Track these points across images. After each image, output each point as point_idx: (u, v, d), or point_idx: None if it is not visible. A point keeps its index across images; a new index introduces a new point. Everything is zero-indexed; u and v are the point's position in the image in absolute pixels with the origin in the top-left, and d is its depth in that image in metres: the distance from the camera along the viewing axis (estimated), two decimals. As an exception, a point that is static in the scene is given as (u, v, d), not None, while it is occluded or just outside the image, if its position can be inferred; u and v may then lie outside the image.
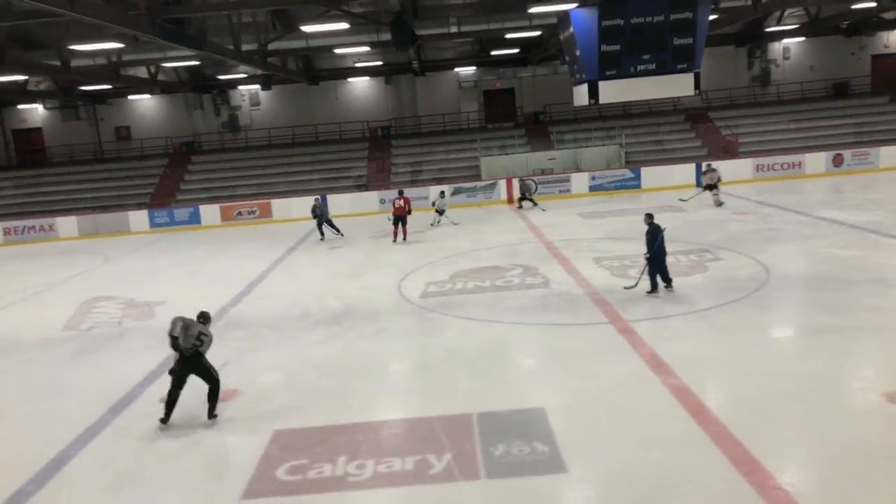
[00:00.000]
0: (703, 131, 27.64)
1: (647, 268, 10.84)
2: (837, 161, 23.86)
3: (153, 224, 24.75)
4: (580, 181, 24.70)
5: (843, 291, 10.37)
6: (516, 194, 23.29)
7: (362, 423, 7.02)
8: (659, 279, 10.83)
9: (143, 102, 30.68)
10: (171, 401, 7.28)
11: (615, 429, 6.53)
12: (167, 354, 9.71)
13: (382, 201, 24.67)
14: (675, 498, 5.30)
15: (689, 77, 12.70)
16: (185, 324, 7.23)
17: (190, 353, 7.20)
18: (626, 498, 5.41)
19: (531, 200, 22.47)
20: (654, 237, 10.52)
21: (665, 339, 8.93)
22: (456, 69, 29.09)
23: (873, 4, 20.92)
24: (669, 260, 11.05)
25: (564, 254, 14.71)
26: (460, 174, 26.24)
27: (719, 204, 18.99)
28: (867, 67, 28.92)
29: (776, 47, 29.12)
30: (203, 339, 7.29)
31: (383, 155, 28.53)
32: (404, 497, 5.66)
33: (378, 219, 21.70)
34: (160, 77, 26.72)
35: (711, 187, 19.26)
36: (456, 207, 22.32)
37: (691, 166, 24.15)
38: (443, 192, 21.46)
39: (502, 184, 24.70)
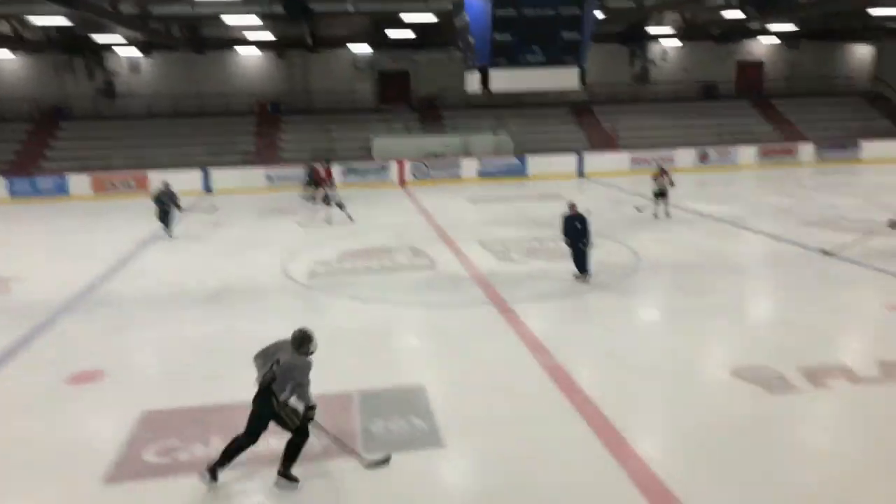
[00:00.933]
0: (586, 124, 28.91)
1: (579, 254, 10.92)
2: (703, 157, 25.79)
3: (13, 193, 22.72)
4: (470, 167, 25.16)
5: (699, 276, 11.30)
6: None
7: (239, 403, 6.86)
8: (574, 266, 11.09)
9: (5, 63, 27.80)
10: (230, 449, 5.41)
11: (492, 405, 6.78)
12: (20, 334, 9.06)
13: (269, 178, 23.99)
14: (544, 468, 5.60)
15: (576, 71, 13.19)
16: (267, 349, 5.51)
17: (262, 387, 5.35)
18: (499, 469, 5.66)
19: None
20: (583, 224, 10.72)
21: (542, 320, 9.36)
22: (351, 48, 28.62)
23: (742, 16, 22.69)
24: (550, 245, 11.54)
25: (452, 237, 14.98)
26: (351, 154, 25.94)
27: (666, 215, 16.19)
28: (733, 72, 31.32)
29: (656, 48, 30.87)
30: (279, 370, 5.26)
31: (271, 131, 27.65)
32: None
33: (266, 197, 21.05)
34: (26, 35, 24.39)
35: (661, 194, 16.11)
36: (347, 188, 22.10)
37: (573, 157, 25.34)
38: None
39: (394, 165, 24.71)
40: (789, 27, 27.12)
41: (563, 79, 13.34)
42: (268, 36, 26.50)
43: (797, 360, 7.50)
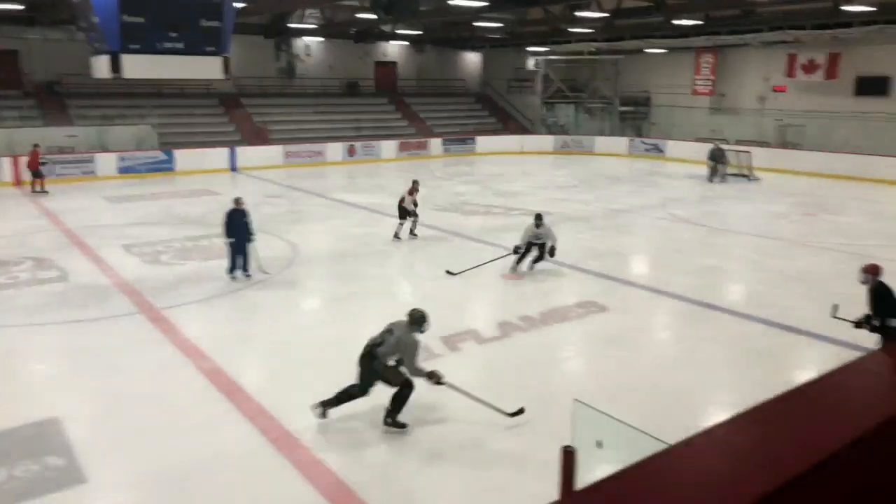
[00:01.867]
0: (236, 117, 28.19)
1: (241, 251, 10.65)
2: (351, 151, 27.35)
3: None
4: (107, 162, 22.52)
5: (354, 263, 12.06)
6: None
7: None
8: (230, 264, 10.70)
9: None
10: (343, 394, 6.14)
11: (145, 423, 6.28)
12: None
13: None
14: (208, 478, 5.41)
15: (218, 61, 12.70)
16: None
17: (366, 349, 6.19)
18: (155, 492, 5.28)
19: None
20: (246, 219, 10.51)
21: (200, 324, 8.96)
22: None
23: (374, 17, 24.47)
24: (204, 244, 11.05)
25: (88, 242, 13.29)
26: (-59, 149, 21.01)
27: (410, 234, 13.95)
28: (371, 71, 33.74)
29: (299, 43, 31.50)
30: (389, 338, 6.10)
31: None
32: None
33: None
34: None
35: (407, 213, 13.65)
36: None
37: (225, 150, 24.54)
38: None
39: (6, 162, 20.78)
40: (416, 32, 30.23)
41: (205, 68, 12.78)
42: None
43: (438, 331, 8.51)
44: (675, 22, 22.79)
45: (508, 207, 17.51)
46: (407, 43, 33.48)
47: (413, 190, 13.79)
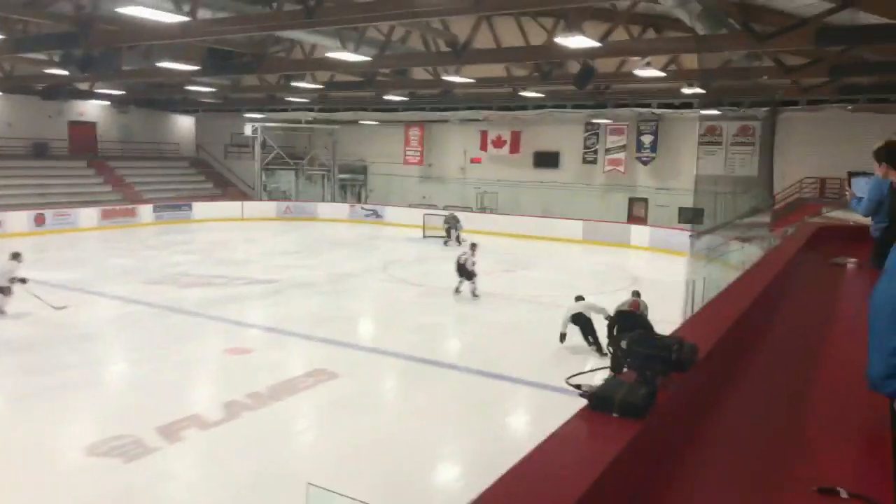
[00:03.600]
0: None
1: None
2: (39, 220, 23.84)
3: None
4: None
5: (46, 352, 10.37)
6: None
7: None
8: None
9: None
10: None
11: None
12: None
13: None
14: None
15: None
16: None
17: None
18: None
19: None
20: None
21: None
22: None
23: (65, 73, 22.02)
24: None
25: None
26: None
27: None
28: (65, 131, 30.10)
29: (-33, 96, 26.90)
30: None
31: None
32: None
33: None
34: None
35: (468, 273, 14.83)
36: None
37: None
38: None
39: None
40: (118, 92, 27.88)
41: None
42: None
43: (154, 421, 7.70)
44: (385, 97, 24.55)
45: (231, 277, 16.77)
46: (108, 103, 30.69)
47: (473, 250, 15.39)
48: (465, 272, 15.10)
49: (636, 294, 10.70)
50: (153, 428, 7.49)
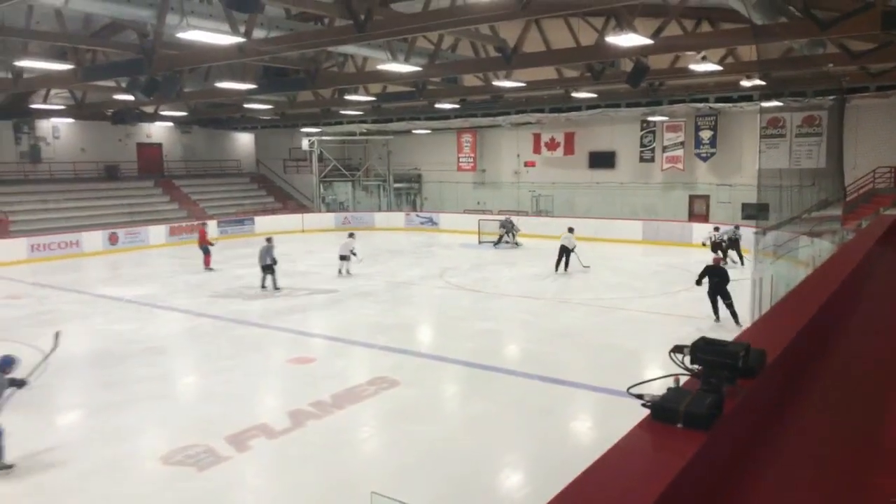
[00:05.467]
0: (-35, 207, 24.38)
1: None
2: (113, 239, 24.98)
3: None
4: None
5: (120, 366, 10.83)
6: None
7: None
8: None
9: None
10: None
11: None
12: None
13: None
14: None
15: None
16: None
17: None
18: None
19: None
20: None
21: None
22: None
23: (131, 98, 23.07)
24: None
25: None
26: None
27: None
28: (134, 153, 31.51)
29: (45, 125, 28.49)
30: None
31: None
32: None
33: None
34: None
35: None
36: None
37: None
38: None
39: None
40: (181, 113, 29.01)
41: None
42: None
43: (224, 430, 7.94)
44: (437, 105, 24.71)
45: (294, 288, 17.17)
46: (172, 124, 31.98)
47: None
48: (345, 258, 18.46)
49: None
50: (223, 437, 7.72)
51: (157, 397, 9.45)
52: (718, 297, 12.46)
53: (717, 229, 20.54)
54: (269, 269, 16.73)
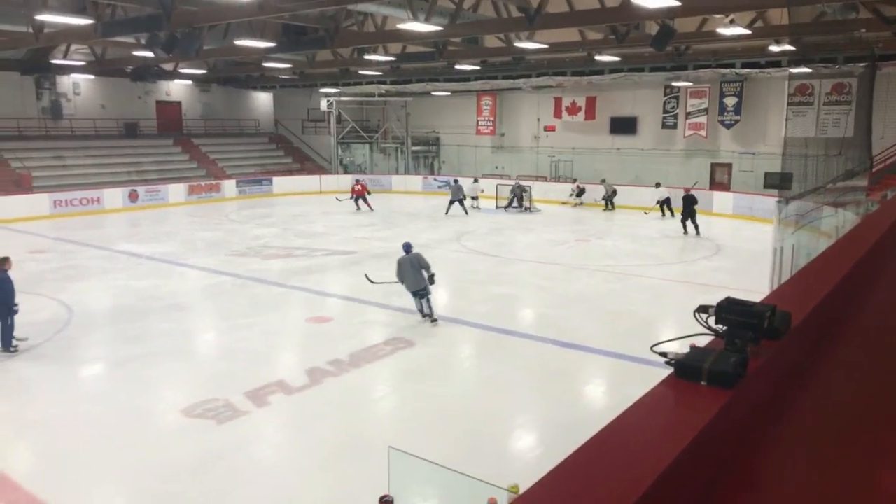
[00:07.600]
0: (-12, 163, 24.66)
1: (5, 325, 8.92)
2: (133, 196, 25.21)
3: None
4: None
5: (142, 321, 11.02)
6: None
7: None
8: None
9: None
10: None
11: None
12: None
13: None
14: None
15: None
16: None
17: None
18: None
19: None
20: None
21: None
22: None
23: (151, 55, 22.99)
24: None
25: None
26: None
27: None
28: (153, 111, 31.54)
29: (66, 81, 28.54)
30: None
31: None
32: None
33: None
34: None
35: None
36: None
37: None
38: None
39: None
40: (200, 71, 28.90)
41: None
42: None
43: (243, 386, 8.09)
44: (457, 66, 24.38)
45: (311, 248, 17.27)
46: (191, 82, 31.88)
47: None
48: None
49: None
50: (242, 393, 7.87)
51: (179, 352, 9.64)
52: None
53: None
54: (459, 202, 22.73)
